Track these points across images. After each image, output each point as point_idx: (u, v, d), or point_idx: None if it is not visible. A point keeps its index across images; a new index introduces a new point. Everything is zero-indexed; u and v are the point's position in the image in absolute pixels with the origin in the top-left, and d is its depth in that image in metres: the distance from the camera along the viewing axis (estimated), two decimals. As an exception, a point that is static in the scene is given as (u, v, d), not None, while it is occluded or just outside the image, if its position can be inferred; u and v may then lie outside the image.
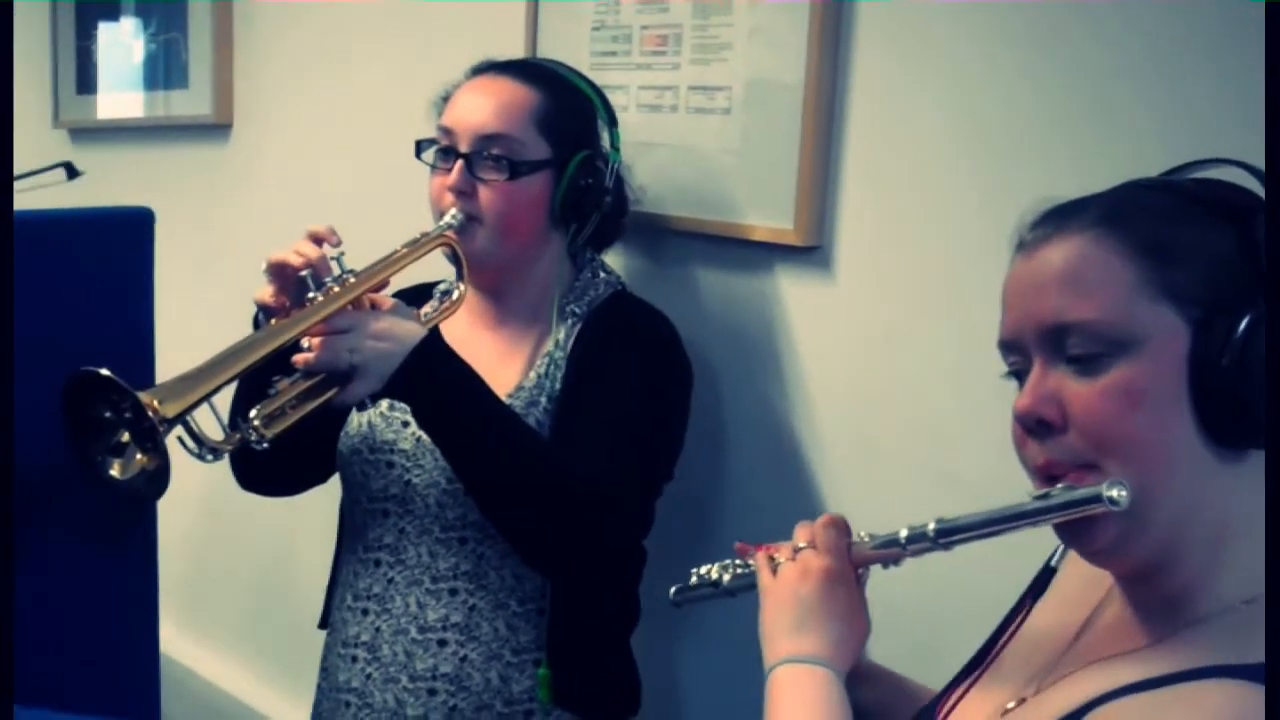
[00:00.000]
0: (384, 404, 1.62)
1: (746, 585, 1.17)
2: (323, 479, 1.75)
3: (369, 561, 1.65)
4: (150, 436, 1.26)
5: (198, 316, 2.39)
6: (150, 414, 1.24)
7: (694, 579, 1.25)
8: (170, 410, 1.25)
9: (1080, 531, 0.91)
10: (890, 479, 1.70)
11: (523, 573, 1.59)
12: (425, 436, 1.58)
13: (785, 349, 1.79)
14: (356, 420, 1.66)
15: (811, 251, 1.74)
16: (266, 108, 2.69)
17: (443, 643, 1.60)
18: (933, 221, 1.63)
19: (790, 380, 1.79)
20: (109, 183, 3.06)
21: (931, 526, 1.03)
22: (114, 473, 1.30)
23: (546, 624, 1.60)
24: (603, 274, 1.71)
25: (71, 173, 2.38)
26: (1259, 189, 0.89)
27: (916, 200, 1.64)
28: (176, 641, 2.86)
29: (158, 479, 1.26)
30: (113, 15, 2.99)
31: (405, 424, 1.63)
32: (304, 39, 2.58)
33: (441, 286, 1.76)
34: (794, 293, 1.78)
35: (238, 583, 2.93)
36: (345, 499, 1.72)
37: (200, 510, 2.84)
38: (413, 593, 1.61)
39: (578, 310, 1.65)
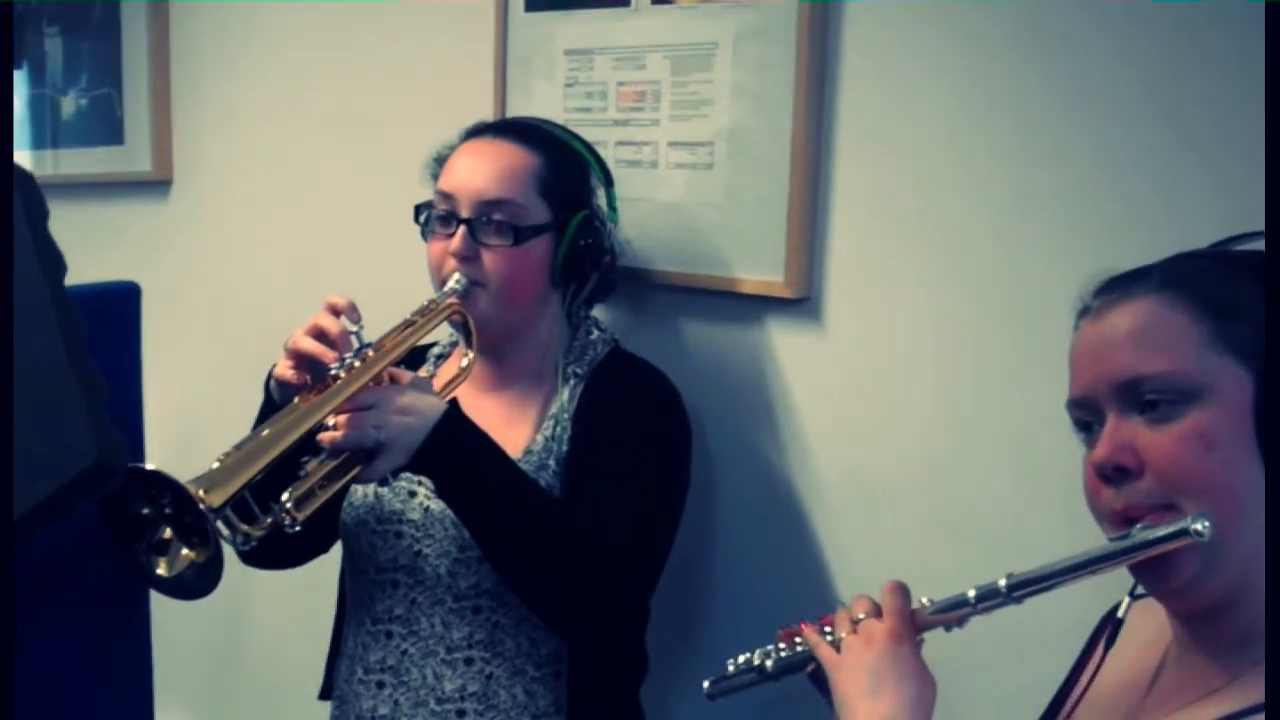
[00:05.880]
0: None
1: (793, 667, 1.17)
2: (325, 550, 1.72)
3: (379, 634, 1.63)
4: (198, 528, 1.23)
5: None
6: (201, 505, 1.21)
7: (731, 668, 1.22)
8: (216, 499, 1.23)
9: (1160, 569, 0.95)
10: (886, 526, 1.72)
11: (539, 637, 1.59)
12: (434, 506, 1.57)
13: (777, 400, 1.81)
14: (361, 491, 1.64)
15: (801, 303, 1.76)
16: (208, 162, 2.63)
17: (461, 713, 1.58)
18: (922, 270, 1.67)
19: (783, 431, 1.81)
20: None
21: (1003, 583, 1.04)
22: (161, 571, 1.26)
23: (565, 686, 1.60)
24: (597, 331, 1.71)
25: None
26: None
27: (905, 250, 1.68)
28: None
29: (208, 571, 1.23)
30: (37, 71, 2.90)
31: (412, 494, 1.61)
32: (245, 90, 2.53)
33: (435, 350, 1.75)
34: (784, 344, 1.80)
35: (227, 657, 2.82)
36: (349, 569, 1.69)
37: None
38: (428, 664, 1.59)
39: (579, 370, 1.66)
